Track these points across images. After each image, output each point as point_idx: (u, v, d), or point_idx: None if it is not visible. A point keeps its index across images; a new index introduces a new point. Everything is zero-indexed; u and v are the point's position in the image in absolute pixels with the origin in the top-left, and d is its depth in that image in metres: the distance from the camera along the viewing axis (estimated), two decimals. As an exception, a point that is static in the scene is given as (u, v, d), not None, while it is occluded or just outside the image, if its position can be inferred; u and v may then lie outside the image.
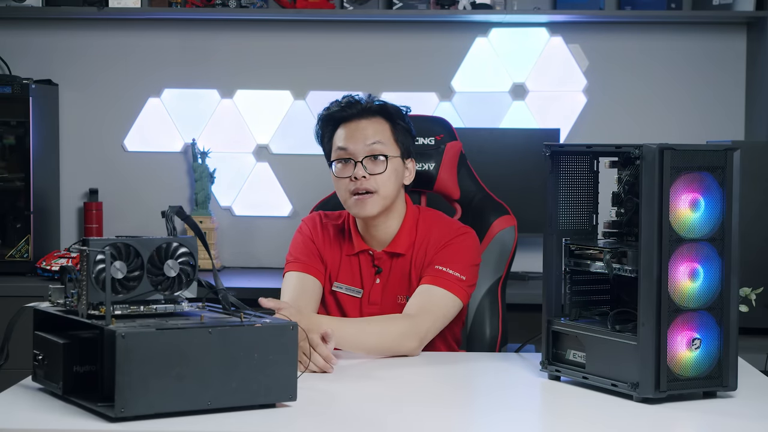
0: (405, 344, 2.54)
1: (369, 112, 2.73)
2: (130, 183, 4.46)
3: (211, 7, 4.26)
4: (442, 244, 2.71)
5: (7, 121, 4.12)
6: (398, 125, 2.74)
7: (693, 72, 4.36)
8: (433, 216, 2.80)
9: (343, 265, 2.77)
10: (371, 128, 2.70)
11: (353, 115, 2.72)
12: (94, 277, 1.98)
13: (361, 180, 2.66)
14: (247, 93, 4.44)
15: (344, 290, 2.76)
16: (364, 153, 2.68)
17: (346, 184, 2.68)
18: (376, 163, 2.68)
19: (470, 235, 2.76)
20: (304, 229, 2.80)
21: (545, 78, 4.38)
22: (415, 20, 4.36)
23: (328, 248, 2.78)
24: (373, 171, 2.67)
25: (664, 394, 2.10)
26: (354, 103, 2.73)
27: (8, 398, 2.09)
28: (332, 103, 2.77)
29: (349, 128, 2.71)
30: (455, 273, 2.66)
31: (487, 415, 2.13)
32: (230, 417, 1.96)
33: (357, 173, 2.66)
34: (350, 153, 2.68)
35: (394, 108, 2.76)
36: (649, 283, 2.10)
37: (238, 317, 2.05)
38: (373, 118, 2.72)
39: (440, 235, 2.73)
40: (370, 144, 2.68)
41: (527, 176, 4.04)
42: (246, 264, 4.45)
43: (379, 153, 2.68)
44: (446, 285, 2.64)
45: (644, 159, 2.10)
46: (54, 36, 4.43)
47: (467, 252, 2.71)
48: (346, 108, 2.73)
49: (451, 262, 2.67)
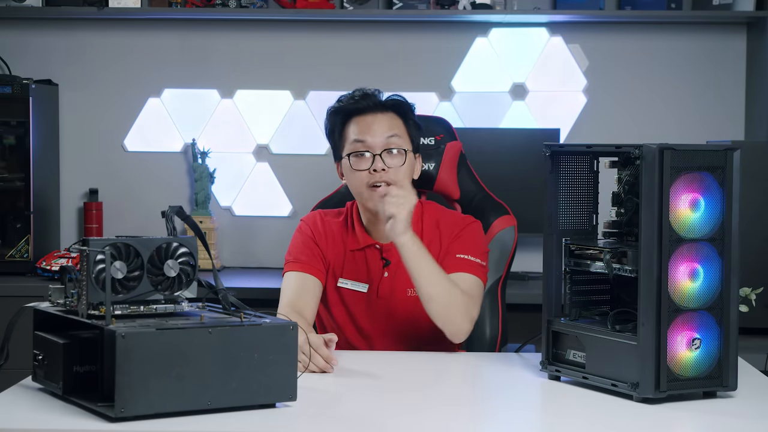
0: (460, 317, 2.58)
1: (383, 106, 2.75)
2: (130, 183, 4.46)
3: (210, 7, 4.26)
4: (456, 233, 2.73)
5: (7, 121, 4.12)
6: (410, 120, 2.77)
7: (693, 72, 4.37)
8: (436, 208, 2.82)
9: (347, 260, 2.77)
10: (387, 122, 2.72)
11: (367, 108, 2.73)
12: (94, 277, 1.98)
13: (380, 173, 2.67)
14: (247, 93, 4.44)
15: (349, 286, 2.76)
16: (382, 146, 2.69)
17: (364, 176, 2.69)
18: (394, 156, 2.70)
19: (479, 223, 2.81)
20: (304, 229, 2.80)
21: (545, 78, 4.38)
22: (415, 20, 4.36)
23: (330, 245, 2.78)
24: (391, 164, 2.69)
25: (664, 394, 2.10)
26: (368, 96, 2.74)
27: (8, 398, 2.09)
28: (343, 96, 2.78)
29: (364, 121, 2.72)
30: (476, 259, 2.70)
31: (487, 415, 2.13)
32: (230, 417, 1.96)
33: (377, 166, 2.67)
34: (368, 146, 2.69)
35: (406, 103, 2.78)
36: (649, 283, 2.10)
37: (238, 317, 2.05)
38: (387, 113, 2.74)
39: (451, 224, 2.76)
40: (388, 137, 2.70)
41: (527, 176, 4.04)
42: (246, 264, 4.45)
43: (397, 146, 2.70)
44: (473, 271, 2.68)
45: (644, 159, 2.10)
46: (54, 36, 4.43)
47: (481, 239, 2.77)
48: (360, 101, 2.74)
49: (470, 249, 2.71)
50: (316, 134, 4.41)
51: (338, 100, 2.78)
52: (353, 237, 2.78)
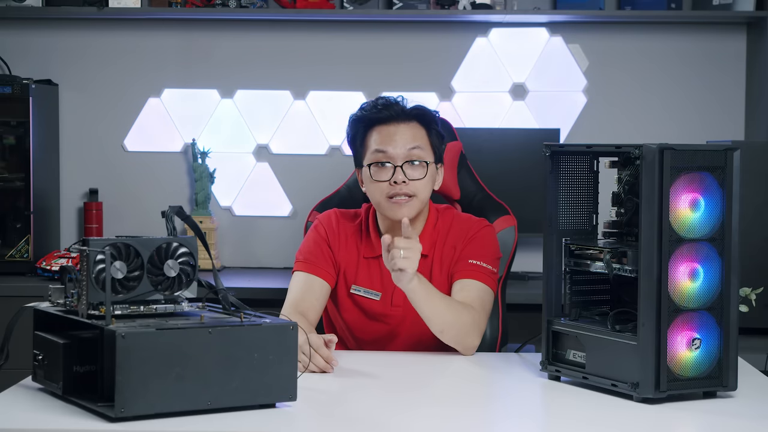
0: (471, 336, 2.57)
1: (406, 116, 2.70)
2: (130, 183, 4.46)
3: (211, 7, 4.26)
4: (469, 237, 2.72)
5: (7, 121, 4.12)
6: (433, 130, 2.72)
7: (693, 72, 4.36)
8: (450, 214, 2.80)
9: (361, 267, 2.75)
10: (409, 133, 2.68)
11: (390, 117, 2.69)
12: (94, 277, 1.98)
13: (400, 185, 2.64)
14: (247, 93, 4.44)
15: (363, 293, 2.74)
16: (404, 158, 2.66)
17: (384, 187, 2.66)
18: (415, 168, 2.66)
19: (492, 228, 2.80)
20: (319, 229, 2.78)
21: (545, 78, 4.38)
22: (415, 20, 4.36)
23: (343, 250, 2.76)
24: (413, 176, 2.65)
25: (664, 394, 2.10)
26: (391, 105, 2.70)
27: (8, 398, 2.09)
28: (365, 104, 2.75)
29: (387, 131, 2.68)
30: (488, 266, 2.69)
31: (487, 415, 2.13)
32: (230, 417, 1.96)
33: (397, 178, 2.64)
34: (389, 156, 2.66)
35: (430, 113, 2.74)
36: (649, 283, 2.10)
37: (238, 317, 2.05)
38: (411, 123, 2.70)
39: (464, 229, 2.74)
40: (410, 149, 2.66)
41: (527, 176, 4.04)
42: (246, 264, 4.45)
43: (419, 158, 2.67)
44: (484, 279, 2.67)
45: (644, 159, 2.10)
46: (54, 36, 4.43)
47: (494, 244, 2.76)
48: (382, 110, 2.69)
49: (482, 255, 2.70)
50: (316, 134, 4.41)
51: (361, 107, 2.75)
52: (368, 244, 2.76)
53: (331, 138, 4.40)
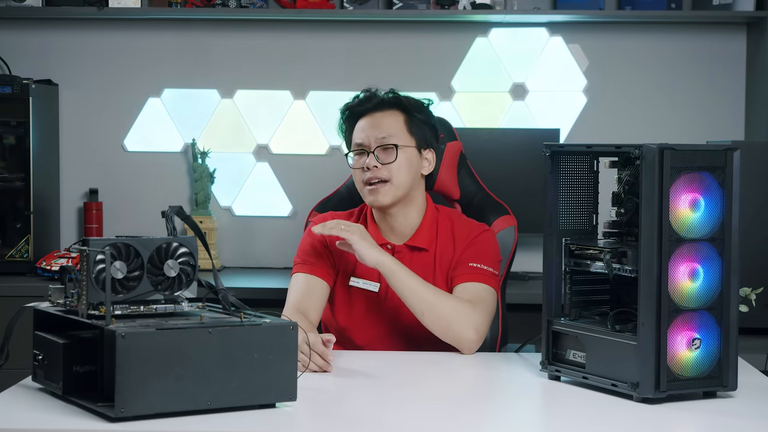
0: (468, 331, 2.58)
1: (384, 104, 2.79)
2: (130, 183, 4.46)
3: (210, 7, 4.26)
4: (469, 241, 2.74)
5: (7, 121, 4.12)
6: (414, 117, 2.79)
7: (693, 72, 4.36)
8: (451, 214, 2.83)
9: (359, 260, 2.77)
10: (385, 120, 2.76)
11: (370, 108, 2.78)
12: (94, 277, 1.98)
13: (373, 170, 2.71)
14: (247, 93, 4.44)
15: (361, 285, 2.76)
16: (376, 144, 2.73)
17: (360, 174, 2.73)
18: (387, 153, 2.73)
19: (492, 232, 2.83)
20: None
21: (545, 78, 4.39)
22: (415, 20, 4.36)
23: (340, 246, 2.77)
24: (385, 160, 2.72)
25: (664, 394, 2.10)
26: (371, 97, 2.80)
27: (8, 398, 2.09)
28: (353, 97, 2.83)
29: (366, 121, 2.77)
30: (489, 268, 2.71)
31: (487, 415, 2.13)
32: (230, 417, 1.96)
33: (369, 163, 2.71)
34: (364, 145, 2.74)
35: (408, 100, 2.82)
36: (649, 283, 2.10)
37: (238, 317, 2.05)
38: (389, 111, 2.78)
39: (465, 232, 2.77)
40: (384, 135, 2.74)
41: (527, 176, 4.04)
42: (246, 264, 4.45)
43: (389, 143, 2.73)
44: (485, 280, 2.69)
45: (644, 159, 2.10)
46: (54, 36, 4.43)
47: (495, 248, 2.78)
48: (364, 102, 2.80)
49: (483, 258, 2.71)
50: (316, 134, 4.41)
51: (348, 101, 2.84)
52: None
53: (331, 138, 4.40)
